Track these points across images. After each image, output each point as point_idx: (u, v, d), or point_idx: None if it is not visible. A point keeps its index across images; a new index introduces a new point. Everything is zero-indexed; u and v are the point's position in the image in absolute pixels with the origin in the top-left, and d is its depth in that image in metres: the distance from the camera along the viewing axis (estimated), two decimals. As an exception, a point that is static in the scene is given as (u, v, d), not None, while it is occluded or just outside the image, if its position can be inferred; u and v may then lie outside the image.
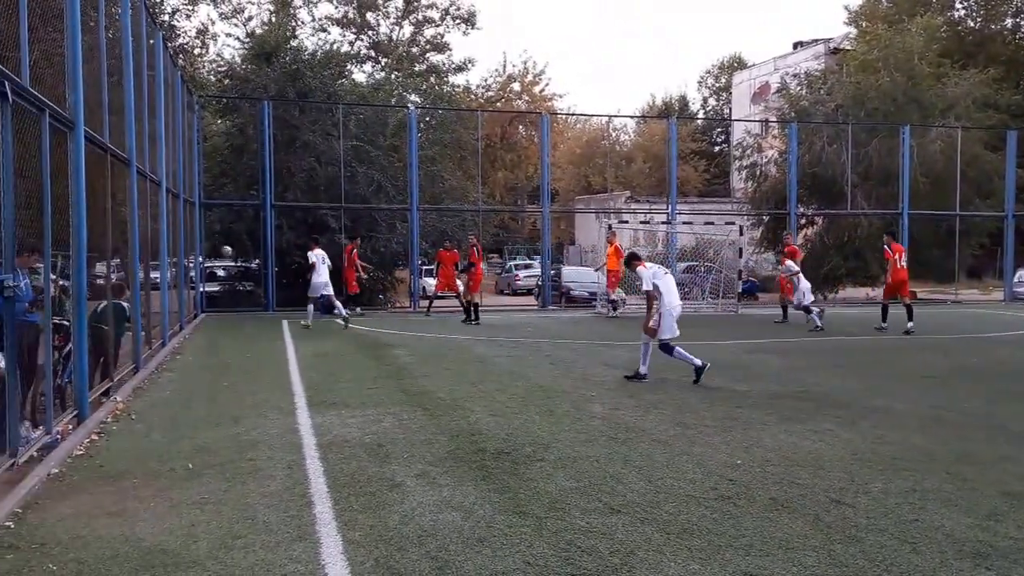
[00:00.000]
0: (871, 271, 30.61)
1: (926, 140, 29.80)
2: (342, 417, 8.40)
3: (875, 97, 31.64)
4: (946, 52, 36.91)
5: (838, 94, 32.82)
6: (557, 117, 43.84)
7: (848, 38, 49.93)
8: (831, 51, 50.92)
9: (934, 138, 29.97)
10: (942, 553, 4.63)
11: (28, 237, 6.53)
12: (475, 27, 44.04)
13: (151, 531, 5.01)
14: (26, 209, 6.22)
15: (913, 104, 31.62)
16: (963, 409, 9.02)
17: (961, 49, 41.86)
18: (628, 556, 4.61)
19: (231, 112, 26.98)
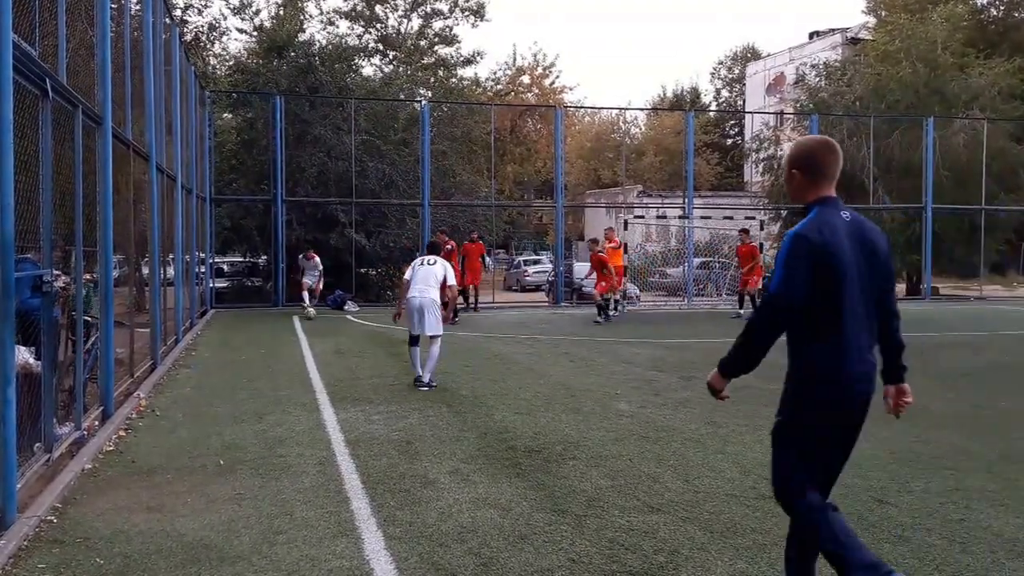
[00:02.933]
0: (894, 267, 30.61)
1: (949, 132, 29.71)
2: (367, 414, 8.49)
3: (896, 88, 31.55)
4: (969, 42, 36.74)
5: (858, 85, 32.75)
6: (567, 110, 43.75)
7: (866, 27, 49.81)
8: (849, 41, 50.84)
9: (958, 130, 29.87)
10: (993, 553, 4.69)
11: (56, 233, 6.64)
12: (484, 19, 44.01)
13: (192, 526, 5.11)
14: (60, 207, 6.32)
15: (936, 95, 31.50)
16: (1001, 407, 9.07)
17: (984, 38, 41.67)
18: (673, 554, 4.69)
19: (241, 107, 27.12)
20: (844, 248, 3.66)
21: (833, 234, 3.66)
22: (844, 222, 3.74)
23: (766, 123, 37.12)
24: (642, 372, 11.59)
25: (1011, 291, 33.86)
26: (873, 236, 3.79)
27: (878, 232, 3.83)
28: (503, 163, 46.35)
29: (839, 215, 3.75)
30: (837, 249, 3.64)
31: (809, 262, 3.62)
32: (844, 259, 3.65)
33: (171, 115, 14.00)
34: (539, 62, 52.45)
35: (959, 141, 29.51)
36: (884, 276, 3.81)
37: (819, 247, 3.62)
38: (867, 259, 3.73)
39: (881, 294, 3.81)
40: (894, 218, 29.77)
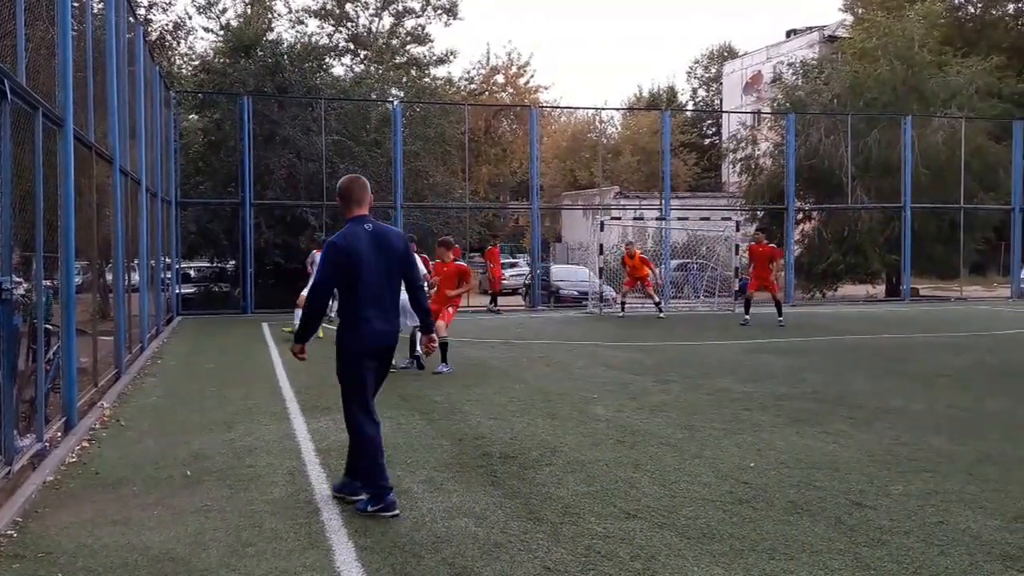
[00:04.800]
0: (872, 267, 30.88)
1: (928, 131, 29.99)
2: (337, 422, 8.40)
3: (874, 86, 31.82)
4: (947, 39, 37.19)
5: (835, 83, 33.01)
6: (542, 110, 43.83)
7: (844, 25, 50.26)
8: (826, 39, 51.28)
9: (936, 129, 30.15)
10: (971, 555, 4.75)
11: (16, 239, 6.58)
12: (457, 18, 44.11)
13: (158, 539, 5.08)
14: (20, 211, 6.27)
15: (914, 93, 31.80)
16: (980, 409, 9.18)
17: (962, 36, 42.18)
18: (649, 561, 4.71)
19: (208, 108, 26.98)
20: (363, 248, 5.63)
21: (356, 239, 5.66)
22: (366, 231, 5.71)
23: (743, 122, 37.34)
24: (619, 375, 11.64)
25: (991, 291, 34.24)
26: (390, 239, 5.81)
27: (396, 235, 5.91)
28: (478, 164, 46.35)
29: (363, 227, 5.72)
30: (357, 249, 5.62)
31: (335, 259, 5.65)
32: (362, 255, 5.61)
33: (135, 117, 13.90)
34: (513, 61, 52.56)
35: (938, 139, 29.81)
36: (401, 264, 5.82)
37: (343, 248, 5.64)
38: (384, 254, 5.71)
39: (403, 276, 5.88)
40: (873, 217, 30.02)
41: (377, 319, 5.68)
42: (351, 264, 5.59)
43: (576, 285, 27.70)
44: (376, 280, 5.66)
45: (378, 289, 5.68)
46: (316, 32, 39.90)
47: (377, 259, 5.67)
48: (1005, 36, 46.31)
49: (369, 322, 5.65)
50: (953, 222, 29.87)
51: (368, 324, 5.65)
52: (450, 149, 34.07)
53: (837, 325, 19.47)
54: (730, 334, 17.28)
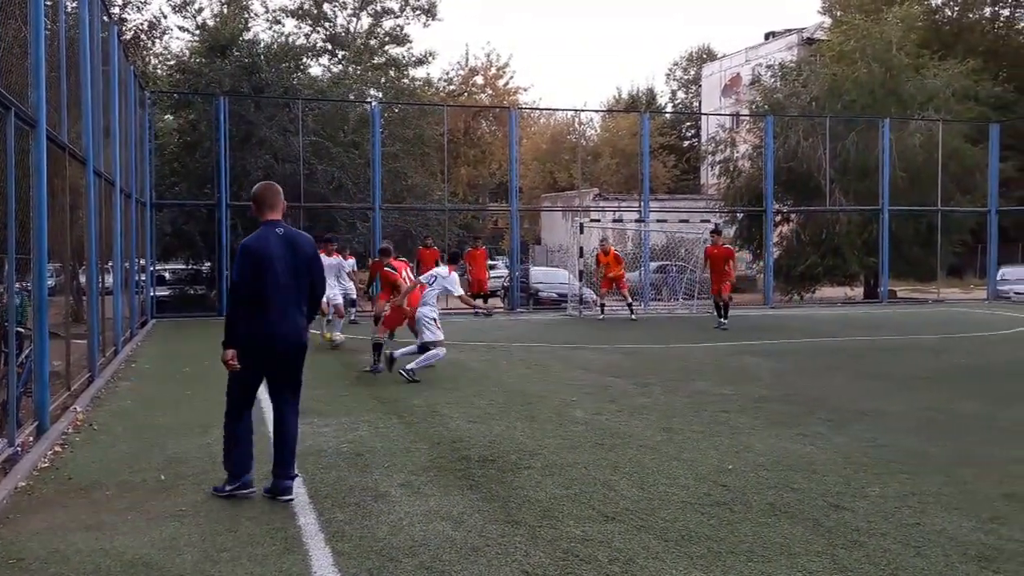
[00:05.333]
0: (850, 269, 31.07)
1: (905, 133, 30.22)
2: (315, 426, 8.43)
3: (852, 89, 32.02)
4: (924, 42, 37.48)
5: (813, 86, 33.20)
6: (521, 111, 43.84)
7: (822, 28, 50.57)
8: (805, 41, 51.54)
9: (913, 131, 30.41)
10: (947, 556, 4.80)
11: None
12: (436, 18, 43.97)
13: (131, 544, 5.05)
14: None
15: (891, 96, 32.02)
16: (956, 410, 9.28)
17: (939, 39, 42.56)
18: (628, 564, 4.73)
19: (183, 108, 26.83)
20: (273, 251, 5.95)
21: (267, 242, 5.97)
22: (277, 235, 6.04)
23: (722, 125, 37.54)
24: (599, 378, 11.66)
25: (968, 293, 34.56)
26: (300, 242, 6.16)
27: (305, 240, 6.23)
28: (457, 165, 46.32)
29: (274, 231, 6.05)
30: (268, 251, 5.93)
31: (250, 260, 5.91)
32: (273, 258, 5.93)
33: (109, 117, 13.81)
34: (492, 62, 52.57)
35: (915, 142, 30.05)
36: (308, 267, 6.14)
37: (255, 250, 5.93)
38: (294, 257, 6.04)
39: (310, 277, 6.17)
40: (850, 219, 30.20)
41: (278, 321, 5.97)
42: (261, 265, 5.91)
43: (555, 287, 27.72)
44: (284, 282, 5.98)
45: (285, 291, 5.99)
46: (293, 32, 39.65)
47: (286, 262, 6.00)
48: (981, 39, 46.75)
49: (272, 322, 5.95)
50: (930, 224, 30.10)
51: (271, 324, 5.95)
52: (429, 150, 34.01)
53: (815, 327, 19.58)
54: (709, 336, 17.34)
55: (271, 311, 5.91)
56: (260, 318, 5.90)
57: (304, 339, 6.16)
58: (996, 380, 11.65)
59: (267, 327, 5.92)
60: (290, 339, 6.04)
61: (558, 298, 26.87)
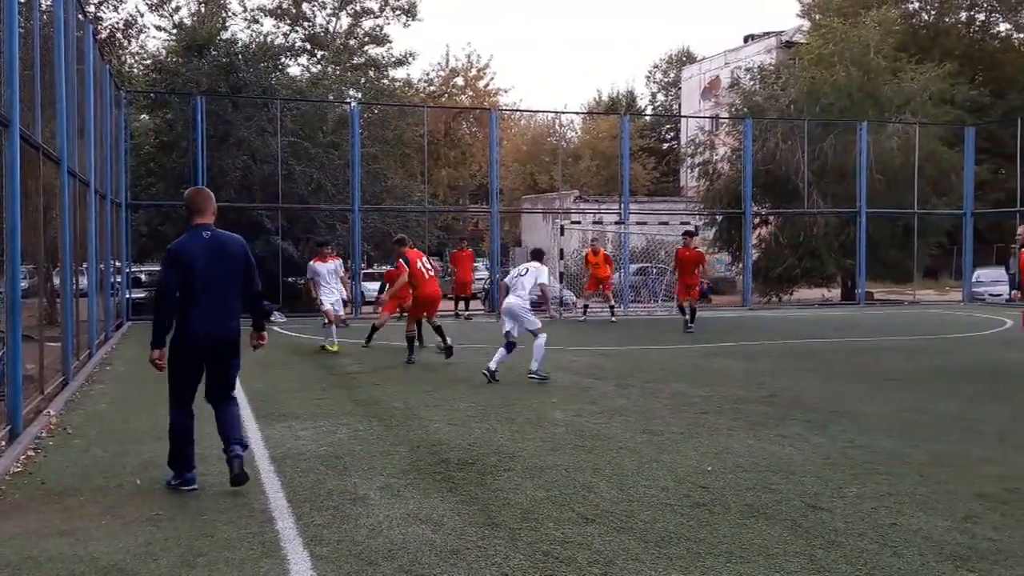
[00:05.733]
0: (827, 271, 31.28)
1: (882, 136, 30.49)
2: (293, 429, 8.40)
3: (830, 92, 32.25)
4: (901, 46, 37.79)
5: (792, 89, 33.41)
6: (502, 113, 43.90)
7: (801, 31, 50.90)
8: (783, 44, 51.90)
9: (890, 134, 30.68)
10: (922, 556, 4.83)
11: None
12: (416, 19, 43.94)
13: (106, 550, 4.99)
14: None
15: (869, 100, 32.30)
16: (932, 411, 9.34)
17: (916, 43, 42.91)
18: (608, 566, 4.72)
19: (160, 108, 26.68)
20: (197, 254, 6.16)
21: (191, 245, 6.20)
22: (203, 239, 6.24)
23: (701, 127, 37.65)
24: (579, 380, 11.68)
25: (943, 295, 34.84)
26: (226, 244, 6.34)
27: (234, 242, 6.40)
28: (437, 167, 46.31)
29: (201, 235, 6.25)
30: (192, 254, 6.15)
31: (176, 262, 6.15)
32: (196, 261, 6.14)
33: (84, 116, 13.71)
34: (473, 63, 52.54)
35: (892, 145, 30.32)
36: (240, 270, 6.35)
37: (179, 253, 6.18)
38: (221, 260, 6.24)
39: (242, 280, 6.38)
40: (828, 222, 30.39)
41: (208, 320, 6.22)
42: (185, 268, 6.15)
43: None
44: (210, 283, 6.20)
45: (213, 291, 6.21)
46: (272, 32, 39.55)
47: (212, 265, 6.21)
48: (957, 43, 47.18)
49: (199, 323, 6.21)
50: (907, 227, 30.36)
51: (197, 324, 6.21)
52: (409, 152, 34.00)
53: (793, 329, 19.69)
54: (688, 338, 17.40)
55: (199, 311, 6.18)
56: (189, 317, 6.20)
57: (236, 335, 6.39)
58: (971, 381, 11.74)
59: (195, 326, 6.20)
60: (218, 337, 6.29)
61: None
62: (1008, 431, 8.26)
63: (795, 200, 30.23)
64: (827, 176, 30.75)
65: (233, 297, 6.35)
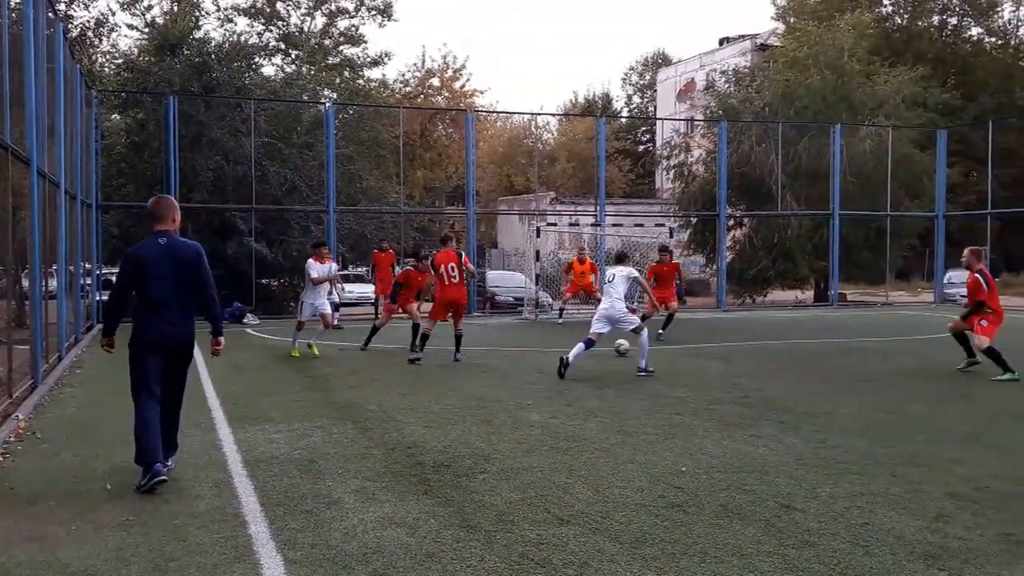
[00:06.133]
0: (801, 273, 31.50)
1: (856, 139, 30.74)
2: (267, 432, 8.36)
3: (804, 95, 32.49)
4: (875, 49, 38.15)
5: (767, 92, 33.62)
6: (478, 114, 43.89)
7: (775, 34, 51.26)
8: (758, 47, 52.25)
9: (864, 137, 30.93)
10: (894, 555, 4.87)
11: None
12: (391, 19, 43.80)
13: (76, 555, 4.94)
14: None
15: (843, 103, 32.56)
16: (904, 412, 9.44)
17: (889, 46, 43.33)
18: (582, 567, 4.73)
19: (131, 107, 26.45)
20: (152, 259, 6.50)
21: (147, 250, 6.54)
22: (159, 244, 6.54)
23: (676, 129, 37.80)
24: (555, 382, 11.68)
25: (916, 296, 35.15)
26: (180, 250, 6.60)
27: (187, 248, 6.65)
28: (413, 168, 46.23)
29: (157, 240, 6.55)
30: (146, 259, 6.50)
31: (131, 266, 6.56)
32: (151, 265, 6.48)
33: (54, 116, 13.58)
34: (449, 64, 52.45)
35: (865, 148, 30.56)
36: (192, 275, 6.59)
37: (136, 258, 6.56)
38: (174, 266, 6.52)
39: (196, 285, 6.63)
40: (802, 224, 30.60)
41: (161, 321, 6.54)
42: (139, 271, 6.52)
43: (512, 291, 27.76)
44: (163, 285, 6.52)
45: (165, 295, 6.53)
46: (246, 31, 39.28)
47: (166, 269, 6.52)
48: (930, 47, 47.70)
49: (150, 325, 6.55)
50: (880, 229, 30.62)
51: (149, 327, 6.55)
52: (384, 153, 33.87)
53: (767, 330, 19.80)
54: (663, 339, 17.45)
55: (151, 314, 6.54)
56: (142, 320, 6.56)
57: (187, 338, 6.72)
58: (942, 381, 11.86)
59: (147, 328, 6.56)
60: (169, 340, 6.60)
61: (515, 302, 26.90)
62: (979, 431, 8.36)
63: (769, 202, 30.41)
64: (801, 178, 30.96)
65: (185, 302, 6.65)
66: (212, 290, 6.80)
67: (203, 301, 6.75)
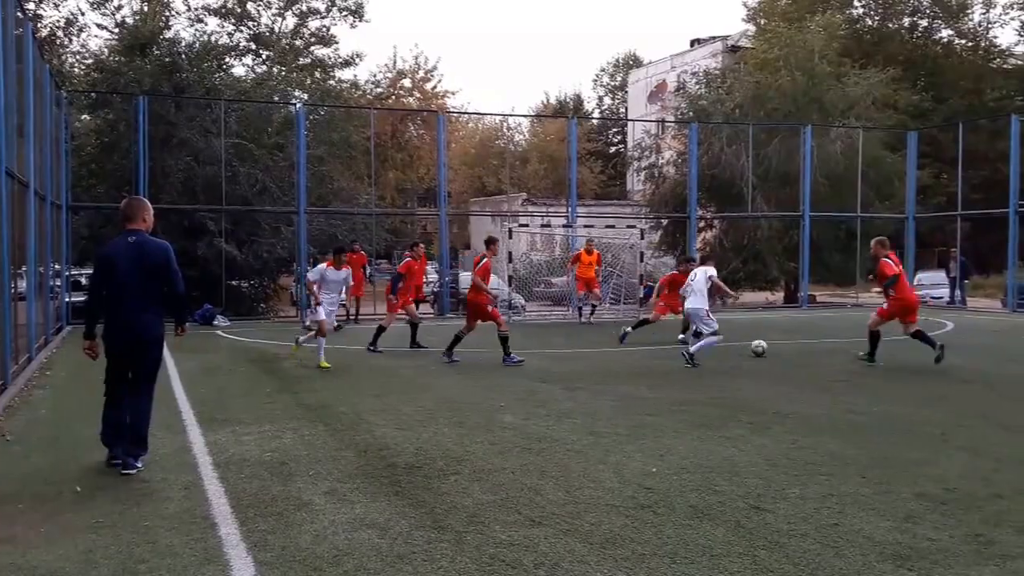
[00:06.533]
0: (771, 274, 31.69)
1: (826, 141, 30.88)
2: (237, 434, 8.33)
3: (775, 96, 32.65)
4: (846, 51, 38.38)
5: (737, 93, 33.77)
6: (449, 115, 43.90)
7: (746, 35, 51.51)
8: (729, 49, 52.46)
9: (834, 139, 31.11)
10: (864, 556, 4.93)
11: None
12: (363, 19, 43.64)
13: (45, 557, 4.92)
14: None
15: (813, 104, 32.71)
16: (874, 413, 9.52)
17: (860, 48, 43.61)
18: (553, 568, 4.76)
19: (101, 108, 26.22)
20: (119, 257, 6.84)
21: (116, 249, 6.92)
22: (128, 243, 6.87)
23: (648, 131, 37.91)
24: (527, 383, 11.72)
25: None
26: (148, 249, 6.91)
27: (155, 247, 6.95)
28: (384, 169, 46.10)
29: (127, 239, 6.90)
30: (114, 258, 6.86)
31: (100, 263, 7.00)
32: (118, 263, 6.82)
33: (23, 116, 13.45)
34: (420, 65, 52.36)
35: (836, 149, 30.74)
36: (157, 271, 6.91)
37: (105, 256, 7.00)
38: (140, 264, 6.83)
39: (162, 281, 6.96)
40: (772, 226, 30.77)
41: (125, 317, 6.87)
42: (107, 269, 6.87)
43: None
44: (130, 283, 6.83)
45: (131, 291, 6.84)
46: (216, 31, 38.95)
47: (132, 267, 6.83)
48: (901, 48, 48.07)
49: (117, 319, 6.90)
50: (850, 230, 30.80)
51: (116, 320, 6.90)
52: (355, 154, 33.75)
53: (737, 331, 19.90)
54: (635, 341, 17.50)
55: (118, 308, 6.87)
56: (110, 314, 6.91)
57: (152, 334, 6.99)
58: (912, 382, 11.99)
59: (114, 322, 6.91)
60: (135, 332, 6.91)
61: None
62: (948, 433, 8.43)
63: (739, 204, 30.55)
64: (771, 180, 31.08)
65: (151, 298, 6.93)
66: (181, 288, 7.10)
67: (172, 299, 7.07)
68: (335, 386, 11.51)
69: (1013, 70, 48.40)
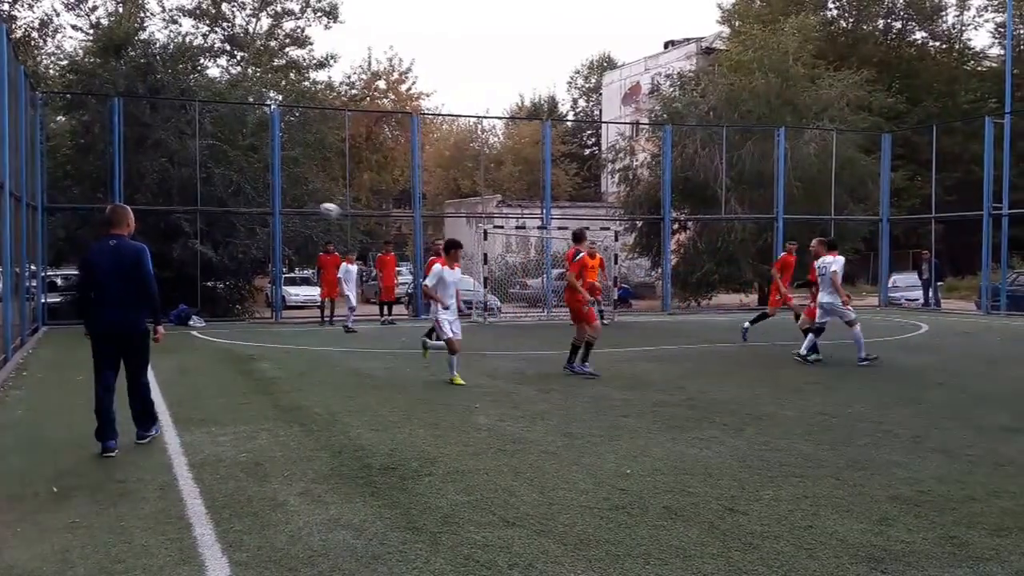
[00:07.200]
0: (744, 277, 31.82)
1: (800, 143, 31.02)
2: (212, 435, 8.31)
3: (749, 99, 32.72)
4: (820, 53, 38.57)
5: (711, 96, 33.86)
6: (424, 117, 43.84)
7: (721, 38, 51.75)
8: (703, 51, 52.71)
9: (808, 141, 31.27)
10: (837, 558, 4.96)
11: None
12: (337, 20, 43.58)
13: (22, 557, 4.91)
14: None
15: (788, 106, 32.81)
16: (848, 415, 9.57)
17: (834, 50, 43.88)
18: (527, 569, 4.79)
19: (76, 109, 26.03)
20: (101, 259, 7.59)
21: (98, 252, 7.66)
22: (109, 246, 7.61)
23: (622, 133, 37.99)
24: (502, 384, 11.75)
25: (861, 300, 35.70)
26: (126, 251, 7.61)
27: (133, 250, 7.63)
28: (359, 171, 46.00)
29: (108, 242, 7.64)
30: (96, 259, 7.61)
31: (84, 265, 7.81)
32: (99, 264, 7.57)
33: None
34: (395, 67, 52.25)
35: (810, 151, 30.91)
36: (132, 273, 7.56)
37: (87, 259, 7.75)
38: (118, 265, 7.54)
39: (137, 282, 7.58)
40: (746, 228, 30.87)
41: (106, 313, 7.58)
42: (90, 269, 7.64)
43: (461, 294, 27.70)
44: (109, 282, 7.55)
45: (112, 289, 7.55)
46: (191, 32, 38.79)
47: (112, 267, 7.55)
48: (875, 50, 48.44)
49: (99, 315, 7.60)
50: (824, 232, 30.93)
51: (99, 316, 7.61)
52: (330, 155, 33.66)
53: (711, 333, 20.05)
54: (610, 342, 17.56)
55: (100, 305, 7.59)
56: (94, 311, 7.64)
57: (136, 328, 7.77)
58: (886, 384, 12.04)
59: (96, 318, 7.64)
60: (118, 327, 7.66)
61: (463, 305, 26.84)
62: (921, 435, 8.45)
63: (713, 206, 30.64)
64: (745, 182, 31.16)
65: (130, 296, 7.63)
66: (152, 287, 7.72)
67: (144, 297, 7.70)
68: (310, 387, 11.49)
69: (987, 72, 48.83)
